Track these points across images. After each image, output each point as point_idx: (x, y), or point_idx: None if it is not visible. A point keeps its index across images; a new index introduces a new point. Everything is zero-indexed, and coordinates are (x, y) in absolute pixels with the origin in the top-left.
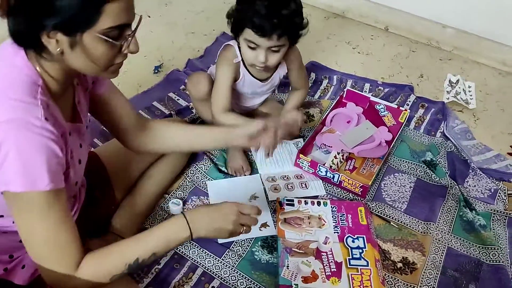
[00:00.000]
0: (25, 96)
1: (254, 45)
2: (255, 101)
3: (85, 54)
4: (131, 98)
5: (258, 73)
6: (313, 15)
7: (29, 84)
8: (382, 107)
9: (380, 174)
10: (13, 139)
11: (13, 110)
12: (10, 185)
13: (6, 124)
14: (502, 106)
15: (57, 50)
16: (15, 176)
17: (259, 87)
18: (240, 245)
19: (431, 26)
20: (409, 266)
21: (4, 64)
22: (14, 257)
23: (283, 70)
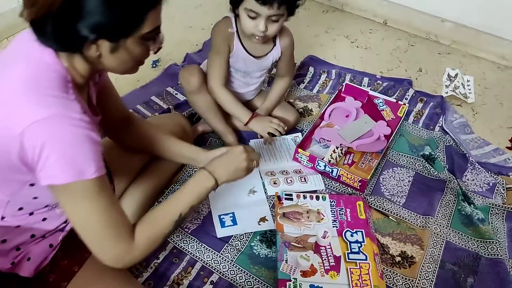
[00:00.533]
0: (60, 92)
1: (254, 14)
2: (248, 88)
3: (122, 57)
4: (129, 93)
5: (253, 48)
6: (312, 9)
7: (61, 80)
8: (381, 101)
9: (378, 168)
10: (57, 134)
11: (52, 106)
12: (60, 178)
13: (48, 120)
14: (501, 100)
15: (96, 54)
16: (63, 169)
17: (252, 64)
18: (239, 240)
19: (430, 20)
20: (407, 260)
21: (32, 61)
22: (21, 249)
23: (277, 53)
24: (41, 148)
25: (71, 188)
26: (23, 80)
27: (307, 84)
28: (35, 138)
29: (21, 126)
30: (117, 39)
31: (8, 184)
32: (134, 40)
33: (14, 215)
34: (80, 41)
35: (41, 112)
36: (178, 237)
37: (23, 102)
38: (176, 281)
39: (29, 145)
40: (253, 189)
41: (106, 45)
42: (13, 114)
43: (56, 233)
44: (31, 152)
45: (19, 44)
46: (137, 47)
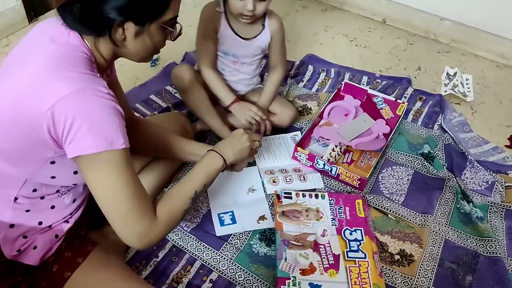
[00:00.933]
0: (87, 70)
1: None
2: (239, 76)
3: (145, 41)
4: (128, 91)
5: (241, 29)
6: (311, 7)
7: (86, 60)
8: (380, 100)
9: (377, 166)
10: (87, 105)
11: (81, 80)
12: (92, 148)
13: (77, 93)
14: (500, 99)
15: (122, 37)
16: (95, 139)
17: (240, 46)
18: (238, 238)
19: (429, 19)
20: (406, 258)
21: (60, 42)
22: (28, 238)
23: (266, 36)
24: (73, 119)
25: (100, 158)
26: (50, 59)
27: (306, 83)
28: (66, 110)
29: (51, 101)
30: (142, 23)
31: (30, 161)
32: (157, 26)
33: (27, 197)
34: (108, 23)
35: (70, 86)
36: (177, 236)
37: (52, 79)
38: (175, 280)
39: (59, 118)
40: (252, 188)
41: (132, 29)
42: (43, 91)
43: (62, 224)
44: (62, 124)
45: (42, 31)
46: (159, 33)
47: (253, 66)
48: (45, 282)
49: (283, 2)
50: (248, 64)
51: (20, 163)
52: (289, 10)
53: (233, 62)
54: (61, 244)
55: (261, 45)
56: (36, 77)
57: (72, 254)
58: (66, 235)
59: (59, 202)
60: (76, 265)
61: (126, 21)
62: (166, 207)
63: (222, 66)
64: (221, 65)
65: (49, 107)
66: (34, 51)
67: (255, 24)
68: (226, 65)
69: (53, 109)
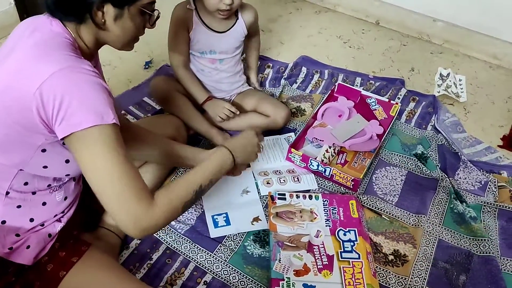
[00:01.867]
0: (71, 52)
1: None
2: (220, 75)
3: (124, 26)
4: (121, 94)
5: (213, 23)
6: (304, 10)
7: (70, 45)
8: (373, 101)
9: (371, 167)
10: (74, 82)
11: (66, 60)
12: (83, 123)
13: (63, 71)
14: (493, 99)
15: (102, 20)
16: (85, 114)
17: (215, 41)
18: (232, 240)
19: (421, 20)
20: (400, 258)
21: (43, 31)
22: (21, 236)
23: (242, 28)
24: (62, 97)
25: (91, 134)
26: (35, 45)
27: (300, 84)
28: (54, 89)
29: (38, 82)
30: (121, 5)
31: (22, 149)
32: (136, 10)
33: (19, 191)
34: (86, 6)
35: (56, 66)
36: (171, 238)
37: (38, 61)
38: (169, 282)
39: (48, 98)
40: (246, 189)
41: (111, 12)
42: (30, 73)
43: (55, 223)
44: (51, 103)
45: (26, 24)
46: (138, 17)
47: (231, 62)
48: (39, 281)
49: (277, 4)
50: (227, 61)
51: (11, 151)
52: (283, 12)
53: (211, 61)
54: (54, 244)
55: (238, 36)
56: (22, 62)
57: (66, 253)
58: (59, 234)
59: (51, 198)
60: (71, 264)
61: (105, 3)
62: (167, 194)
63: (201, 67)
64: (199, 65)
65: (37, 87)
66: (20, 41)
67: (229, 17)
68: (204, 65)
69: (41, 89)
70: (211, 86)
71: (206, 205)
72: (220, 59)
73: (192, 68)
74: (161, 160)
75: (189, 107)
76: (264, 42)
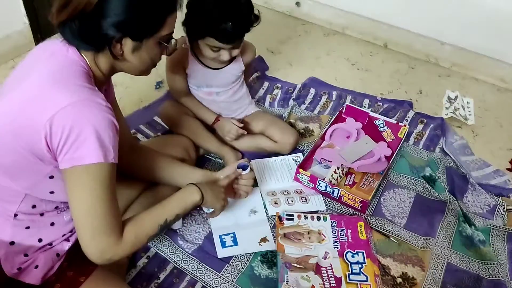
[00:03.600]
0: (85, 83)
1: (217, 49)
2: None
3: (141, 56)
4: (132, 113)
5: (211, 61)
6: (313, 32)
7: (85, 74)
8: (381, 123)
9: (379, 189)
10: (86, 115)
11: (81, 92)
12: (86, 159)
13: (77, 104)
14: (501, 122)
15: (120, 52)
16: (90, 150)
17: (210, 76)
18: (239, 260)
19: (429, 43)
20: (408, 281)
21: (59, 58)
22: (29, 256)
23: (239, 65)
24: (70, 129)
25: (91, 170)
26: (50, 73)
27: (308, 105)
28: (64, 121)
29: (50, 112)
30: (140, 39)
31: (30, 175)
32: (154, 41)
33: (26, 213)
34: (107, 39)
35: (69, 98)
36: (179, 257)
37: (52, 91)
38: None
39: (57, 129)
40: (254, 209)
41: (129, 44)
42: (43, 102)
43: (63, 243)
44: (59, 134)
45: (42, 49)
46: (155, 48)
47: (229, 93)
48: None
49: (286, 27)
50: (224, 93)
51: (20, 177)
52: (292, 35)
53: (208, 94)
54: (62, 263)
55: (235, 72)
56: (36, 89)
57: (74, 273)
58: (68, 254)
59: (59, 219)
60: (78, 284)
61: (124, 37)
62: (134, 230)
63: (198, 99)
64: (197, 97)
65: (48, 118)
66: (35, 66)
67: None
68: (202, 97)
69: (51, 120)
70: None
71: (213, 225)
72: (216, 92)
73: None
74: (169, 182)
75: (199, 128)
76: (273, 64)
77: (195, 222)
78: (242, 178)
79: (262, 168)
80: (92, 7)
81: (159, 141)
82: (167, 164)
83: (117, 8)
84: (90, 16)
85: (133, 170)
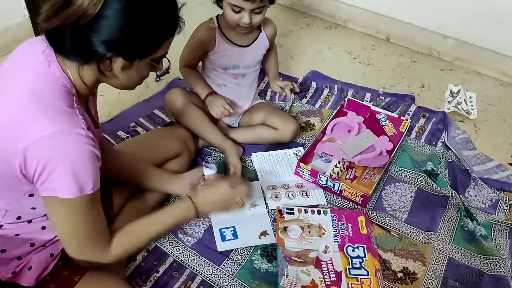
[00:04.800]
0: (66, 107)
1: (238, 9)
2: (241, 91)
3: (131, 75)
4: (132, 106)
5: (237, 38)
6: (315, 25)
7: (66, 94)
8: (383, 117)
9: (380, 183)
10: (63, 150)
11: (59, 122)
12: (60, 192)
13: (55, 136)
14: (503, 116)
15: (108, 68)
16: (65, 184)
17: (239, 55)
18: (239, 254)
19: (432, 37)
20: (409, 276)
21: (39, 74)
22: (22, 259)
23: (264, 42)
24: (46, 162)
25: (68, 202)
26: (30, 94)
27: (310, 99)
28: (41, 152)
29: (27, 140)
30: (132, 59)
31: (8, 193)
32: (145, 62)
33: (12, 223)
34: (96, 56)
35: (48, 127)
36: (178, 251)
37: (29, 118)
38: None
39: (32, 159)
40: (254, 203)
41: (120, 63)
42: (19, 129)
43: (57, 242)
44: (34, 165)
45: (25, 56)
46: (146, 67)
47: (253, 76)
48: None
49: (288, 20)
50: (249, 75)
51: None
52: (294, 28)
53: (234, 76)
54: (57, 262)
55: (261, 49)
56: (13, 113)
57: (68, 272)
58: (62, 253)
59: (49, 222)
60: (73, 283)
61: (115, 56)
62: (122, 242)
63: (223, 82)
64: (222, 81)
65: (24, 147)
66: (16, 79)
67: (252, 31)
68: (227, 80)
69: (26, 150)
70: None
71: (213, 219)
72: (243, 74)
73: (212, 85)
74: (143, 185)
75: (204, 120)
76: None
77: None
78: (204, 178)
79: (262, 162)
80: (86, 21)
81: (157, 134)
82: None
83: (112, 26)
84: (82, 28)
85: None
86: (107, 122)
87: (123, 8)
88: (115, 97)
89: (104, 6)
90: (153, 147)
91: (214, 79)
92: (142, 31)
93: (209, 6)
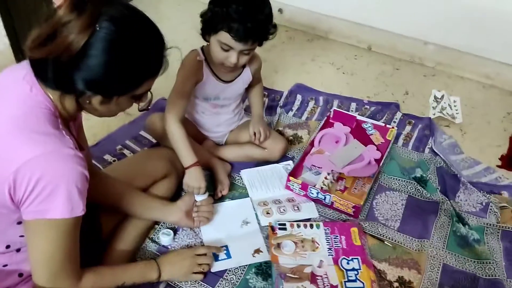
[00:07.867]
0: (52, 129)
1: (227, 47)
2: (220, 118)
3: (111, 108)
4: (118, 128)
5: (223, 74)
6: (297, 38)
7: (50, 116)
8: (370, 126)
9: (371, 193)
10: (53, 170)
11: (48, 143)
12: (50, 212)
13: (45, 156)
14: (488, 119)
15: (87, 102)
16: (56, 205)
17: (221, 89)
18: (233, 273)
19: (413, 44)
20: (405, 285)
21: (22, 99)
22: None
23: (248, 77)
24: (36, 181)
25: (54, 223)
26: (14, 119)
27: (296, 112)
28: (31, 173)
29: (16, 163)
30: (111, 96)
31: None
32: (124, 98)
33: (1, 253)
34: (75, 90)
35: (36, 149)
36: None
37: (15, 142)
38: None
39: (23, 180)
40: (246, 220)
41: (99, 99)
42: (6, 155)
43: None
44: (24, 186)
45: (5, 83)
46: (127, 102)
47: (233, 106)
48: None
49: None
50: (228, 106)
51: None
52: (276, 42)
53: (213, 106)
54: None
55: (243, 84)
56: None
57: None
58: None
59: None
60: None
61: (94, 94)
62: (92, 280)
63: (202, 110)
64: (201, 109)
65: (12, 171)
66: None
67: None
68: (206, 109)
69: (16, 172)
70: (209, 126)
71: (205, 239)
72: (222, 105)
73: (191, 111)
74: (129, 211)
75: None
76: None
77: (187, 236)
78: (197, 204)
79: (252, 178)
80: (69, 58)
81: (143, 155)
82: (128, 193)
83: (94, 66)
84: (65, 64)
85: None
86: (93, 146)
87: (107, 48)
88: (101, 120)
89: (89, 44)
90: (141, 169)
91: (193, 105)
92: (124, 73)
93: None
